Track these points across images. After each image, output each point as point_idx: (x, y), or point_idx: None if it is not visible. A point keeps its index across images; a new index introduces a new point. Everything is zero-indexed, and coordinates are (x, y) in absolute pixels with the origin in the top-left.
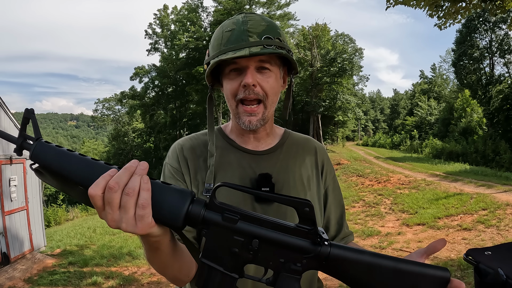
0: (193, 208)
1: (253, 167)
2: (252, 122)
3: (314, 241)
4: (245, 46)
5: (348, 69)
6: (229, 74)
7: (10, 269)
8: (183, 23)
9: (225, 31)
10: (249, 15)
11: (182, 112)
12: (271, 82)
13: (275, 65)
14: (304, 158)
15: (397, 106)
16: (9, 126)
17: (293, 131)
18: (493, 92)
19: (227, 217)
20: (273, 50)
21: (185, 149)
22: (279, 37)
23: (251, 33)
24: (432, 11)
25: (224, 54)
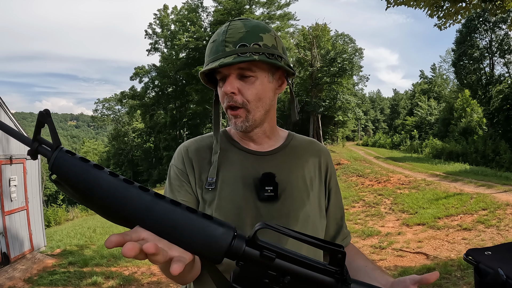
0: (236, 244)
1: (255, 167)
2: (237, 124)
3: (338, 280)
4: (220, 57)
5: (348, 69)
6: (219, 83)
7: (10, 269)
8: (183, 23)
9: (210, 42)
10: (233, 22)
11: (182, 112)
12: (253, 89)
13: (261, 70)
14: (307, 159)
15: (397, 106)
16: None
17: (297, 134)
18: (493, 92)
19: (265, 255)
20: (245, 58)
21: (190, 150)
22: (258, 42)
23: (228, 43)
24: (432, 11)
25: (207, 66)
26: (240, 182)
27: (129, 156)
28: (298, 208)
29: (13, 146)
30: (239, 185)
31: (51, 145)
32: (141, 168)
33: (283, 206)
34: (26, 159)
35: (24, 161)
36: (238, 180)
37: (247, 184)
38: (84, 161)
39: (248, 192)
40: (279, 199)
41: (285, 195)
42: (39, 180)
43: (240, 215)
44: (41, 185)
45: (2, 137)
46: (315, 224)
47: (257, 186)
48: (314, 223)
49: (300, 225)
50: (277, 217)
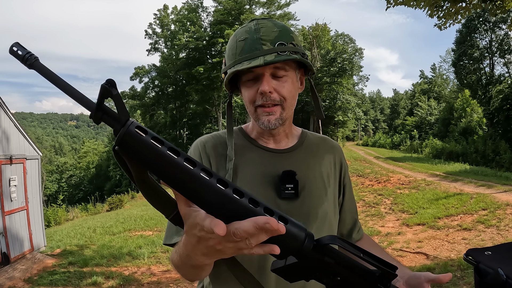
0: (307, 244)
1: (275, 165)
2: (271, 121)
3: (383, 285)
4: (259, 54)
5: (348, 69)
6: (246, 82)
7: (10, 269)
8: (183, 23)
9: (238, 40)
10: (261, 22)
11: (182, 112)
12: (287, 86)
13: (291, 69)
14: (323, 156)
15: (397, 106)
16: (9, 126)
17: (309, 131)
18: (493, 92)
19: (326, 261)
20: (287, 56)
21: (208, 147)
22: (292, 42)
23: (264, 41)
24: (432, 11)
25: (239, 64)
26: (260, 180)
27: None
28: (317, 206)
29: (13, 146)
30: (259, 183)
31: (118, 116)
32: None
33: (303, 203)
34: (26, 159)
35: (24, 161)
36: (258, 178)
37: (267, 182)
38: (159, 142)
39: (268, 190)
40: (299, 197)
41: (304, 192)
42: (39, 180)
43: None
44: (41, 185)
45: (2, 137)
46: (331, 221)
47: (277, 184)
48: (330, 220)
49: (319, 222)
50: (296, 215)
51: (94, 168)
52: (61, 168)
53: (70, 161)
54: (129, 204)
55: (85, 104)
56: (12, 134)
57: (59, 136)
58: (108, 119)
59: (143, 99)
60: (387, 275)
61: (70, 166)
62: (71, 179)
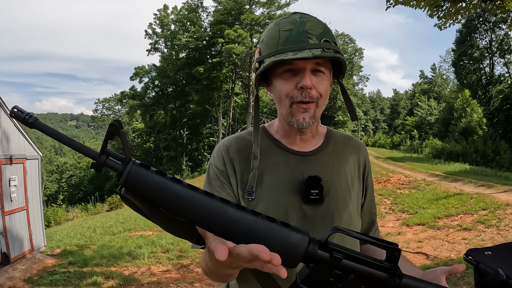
0: (311, 249)
1: (300, 169)
2: (306, 119)
3: (392, 275)
4: (306, 47)
5: (348, 69)
6: (283, 74)
7: (10, 269)
8: (183, 23)
9: (282, 30)
10: (305, 16)
11: (182, 112)
12: (325, 84)
13: (328, 68)
14: (348, 157)
15: (397, 106)
16: (9, 126)
17: (334, 129)
18: (493, 92)
19: (335, 256)
20: (332, 54)
21: (231, 151)
22: (335, 41)
23: (311, 35)
24: (432, 11)
25: (283, 54)
26: (286, 185)
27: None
28: (342, 209)
29: (13, 146)
30: (285, 187)
31: (121, 158)
32: None
33: (327, 208)
34: (26, 159)
35: (24, 161)
36: (284, 183)
37: (292, 187)
38: (161, 175)
39: (293, 195)
40: (323, 201)
41: (329, 197)
42: (39, 180)
43: (286, 219)
44: (41, 185)
45: (2, 137)
46: (355, 224)
47: (302, 189)
48: (354, 223)
49: (344, 224)
50: (321, 219)
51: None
52: (61, 168)
53: (70, 161)
54: None
55: (88, 154)
56: (12, 134)
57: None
58: (110, 162)
59: (143, 99)
60: (392, 253)
61: (70, 166)
62: (71, 179)
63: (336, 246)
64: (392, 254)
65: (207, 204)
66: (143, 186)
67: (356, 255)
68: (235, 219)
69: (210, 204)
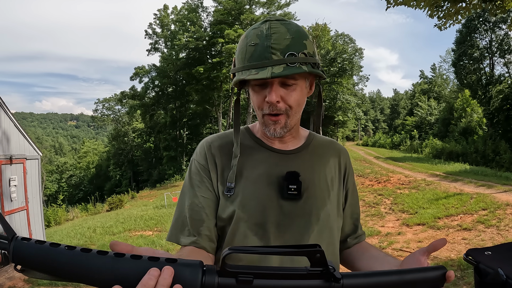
0: (207, 280)
1: (280, 165)
2: (276, 130)
3: (328, 279)
4: (268, 64)
5: (348, 69)
6: (254, 87)
7: (10, 269)
8: (183, 23)
9: (248, 44)
10: (274, 25)
11: (182, 112)
12: (295, 95)
13: (301, 77)
14: (328, 159)
15: (397, 106)
16: (9, 126)
17: (317, 134)
18: (493, 92)
19: (241, 280)
20: (296, 69)
21: (213, 147)
22: (304, 51)
23: (274, 50)
24: (432, 11)
25: (247, 71)
26: (264, 180)
27: (129, 156)
28: (320, 207)
29: (13, 146)
30: (263, 183)
31: (4, 237)
32: (141, 168)
33: (305, 204)
34: (26, 159)
35: (24, 161)
36: (263, 178)
37: (271, 182)
38: (40, 243)
39: (272, 191)
40: (301, 198)
41: (307, 194)
42: (39, 180)
43: (264, 213)
44: (41, 185)
45: (2, 137)
46: (333, 224)
47: (281, 185)
48: (332, 222)
49: (320, 223)
50: (299, 216)
51: (94, 168)
52: (61, 168)
53: (70, 161)
54: (129, 204)
55: None
56: (12, 134)
57: (59, 136)
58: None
59: (143, 99)
60: (313, 256)
61: (70, 166)
62: (71, 179)
63: (241, 268)
64: (313, 257)
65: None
66: (28, 257)
67: (270, 271)
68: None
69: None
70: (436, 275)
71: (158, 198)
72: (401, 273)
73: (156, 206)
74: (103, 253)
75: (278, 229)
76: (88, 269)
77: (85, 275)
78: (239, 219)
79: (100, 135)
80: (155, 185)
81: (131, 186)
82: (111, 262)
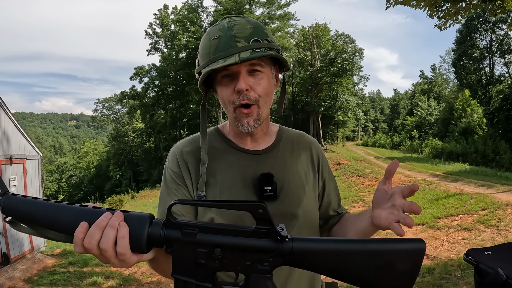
0: (153, 230)
1: (253, 167)
2: (250, 123)
3: (275, 239)
4: (234, 52)
5: (348, 69)
6: (222, 81)
7: (10, 269)
8: (183, 23)
9: (212, 39)
10: (234, 19)
11: (182, 112)
12: (263, 83)
13: (266, 65)
14: (300, 154)
15: (397, 106)
16: (9, 126)
17: (286, 127)
18: (493, 92)
19: (186, 232)
20: (262, 53)
21: (185, 153)
22: (266, 38)
23: (239, 38)
24: (432, 11)
25: (214, 63)
26: (240, 184)
27: (129, 156)
28: (297, 205)
29: (13, 146)
30: (238, 187)
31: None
32: (141, 168)
33: (282, 204)
34: (26, 159)
35: (24, 161)
36: (238, 182)
37: (246, 185)
38: (24, 197)
39: (248, 194)
40: (278, 198)
41: (283, 193)
42: (39, 180)
43: (241, 217)
44: (41, 185)
45: (2, 137)
46: (311, 218)
47: (256, 187)
48: (310, 217)
49: (299, 220)
50: (277, 216)
51: (94, 168)
52: (61, 168)
53: (70, 161)
54: (129, 204)
55: None
56: (12, 134)
57: (59, 136)
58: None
59: (143, 99)
60: (255, 211)
61: (70, 166)
62: (71, 179)
63: (186, 221)
64: (255, 213)
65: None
66: (15, 207)
67: (215, 227)
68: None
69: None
70: (412, 248)
71: (158, 198)
72: (366, 243)
73: (156, 206)
74: (71, 204)
75: None
76: (57, 216)
77: (55, 220)
78: None
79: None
80: (155, 185)
81: (131, 186)
82: (76, 210)
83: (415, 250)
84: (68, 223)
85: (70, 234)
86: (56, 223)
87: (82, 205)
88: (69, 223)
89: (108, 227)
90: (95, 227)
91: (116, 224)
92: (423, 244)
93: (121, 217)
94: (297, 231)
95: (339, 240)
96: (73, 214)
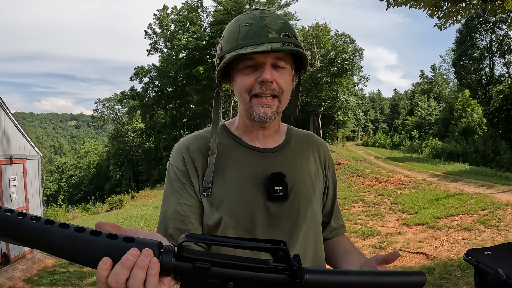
0: (163, 260)
1: (263, 166)
2: (267, 114)
3: (290, 275)
4: (265, 41)
5: (348, 69)
6: (244, 70)
7: (10, 269)
8: (183, 23)
9: (242, 25)
10: (265, 11)
11: (182, 112)
12: (286, 79)
13: (289, 63)
14: (309, 154)
15: (397, 106)
16: (9, 126)
17: (295, 127)
18: (493, 92)
19: (198, 266)
20: (292, 47)
21: (191, 149)
22: (295, 36)
23: (270, 29)
24: (432, 11)
25: (243, 48)
26: (250, 183)
27: (129, 156)
28: (307, 206)
29: (13, 146)
30: (249, 185)
31: None
32: (141, 168)
33: (292, 205)
34: (26, 159)
35: (24, 161)
36: (248, 180)
37: (256, 184)
38: (9, 211)
39: (258, 193)
40: (288, 198)
41: (293, 193)
42: (39, 180)
43: (251, 218)
44: (41, 185)
45: (2, 137)
46: (319, 221)
47: (266, 186)
48: (318, 219)
49: (308, 222)
50: (287, 217)
51: (94, 168)
52: (61, 168)
53: (70, 161)
54: (129, 204)
55: None
56: (12, 134)
57: (59, 136)
58: None
59: (143, 99)
60: (275, 253)
61: (70, 166)
62: (71, 179)
63: (198, 255)
64: (276, 255)
65: (45, 228)
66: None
67: (229, 261)
68: (74, 238)
69: (48, 228)
70: (414, 280)
71: (158, 198)
72: (374, 275)
73: (156, 206)
74: (65, 227)
75: (267, 232)
76: (49, 239)
77: (46, 243)
78: (226, 226)
79: (100, 135)
80: (155, 185)
81: (131, 186)
82: (72, 235)
83: (417, 283)
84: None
85: (77, 262)
86: (47, 246)
87: (78, 229)
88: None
89: (137, 267)
90: (121, 267)
91: (147, 264)
92: (424, 277)
93: (150, 255)
94: (305, 232)
95: (350, 272)
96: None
